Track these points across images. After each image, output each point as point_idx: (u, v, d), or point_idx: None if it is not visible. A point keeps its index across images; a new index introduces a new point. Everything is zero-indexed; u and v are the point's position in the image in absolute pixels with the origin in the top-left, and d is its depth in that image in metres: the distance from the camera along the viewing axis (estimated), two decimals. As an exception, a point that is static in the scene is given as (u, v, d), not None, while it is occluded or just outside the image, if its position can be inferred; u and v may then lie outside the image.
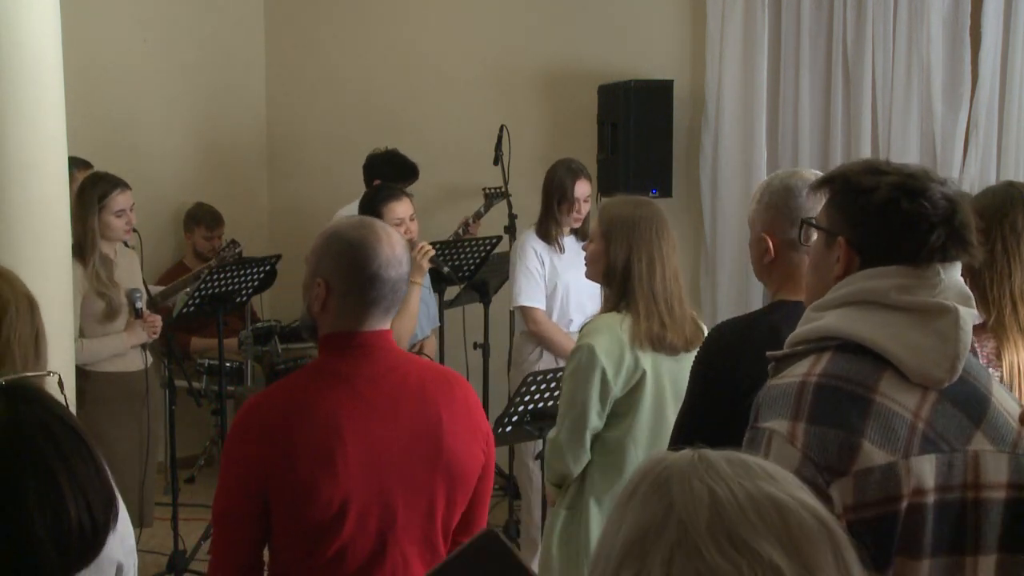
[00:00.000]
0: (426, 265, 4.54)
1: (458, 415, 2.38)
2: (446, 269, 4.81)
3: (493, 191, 5.82)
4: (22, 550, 1.07)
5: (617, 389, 3.20)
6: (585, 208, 4.90)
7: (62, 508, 1.08)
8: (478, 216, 5.80)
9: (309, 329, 2.41)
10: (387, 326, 2.36)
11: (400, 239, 2.38)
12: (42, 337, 1.88)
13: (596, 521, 3.27)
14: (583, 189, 4.89)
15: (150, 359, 4.73)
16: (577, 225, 4.93)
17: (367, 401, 2.30)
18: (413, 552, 2.34)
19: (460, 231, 5.76)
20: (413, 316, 4.52)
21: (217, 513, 2.30)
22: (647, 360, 3.20)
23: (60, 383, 1.39)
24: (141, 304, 4.60)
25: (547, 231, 4.93)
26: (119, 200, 4.55)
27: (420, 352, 4.59)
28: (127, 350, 4.56)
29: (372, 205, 4.48)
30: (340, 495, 2.24)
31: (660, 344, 3.19)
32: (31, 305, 1.87)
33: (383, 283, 2.30)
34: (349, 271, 2.30)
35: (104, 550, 1.16)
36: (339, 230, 2.36)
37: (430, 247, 4.56)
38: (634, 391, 3.21)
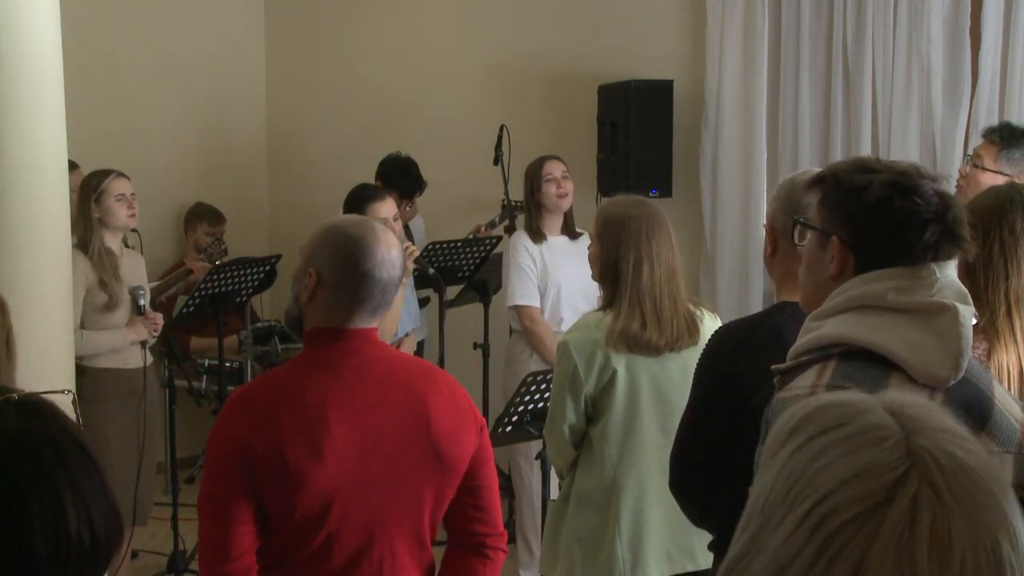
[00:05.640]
0: (410, 266, 4.55)
1: (445, 405, 2.38)
2: (431, 270, 4.80)
3: (515, 204, 5.77)
4: (20, 565, 1.06)
5: (589, 387, 3.21)
6: (567, 185, 4.89)
7: (63, 523, 1.07)
8: (491, 225, 5.78)
9: (294, 321, 2.40)
10: (373, 325, 2.36)
11: (397, 243, 2.39)
12: (12, 339, 1.86)
13: (573, 515, 3.26)
14: (553, 167, 4.89)
15: (150, 359, 4.71)
16: (566, 205, 4.92)
17: (354, 390, 2.29)
18: (402, 546, 2.33)
19: (471, 236, 5.74)
20: (396, 315, 4.52)
21: (204, 500, 2.24)
22: (620, 360, 3.19)
23: (74, 402, 1.37)
24: (144, 302, 4.59)
25: (530, 224, 4.93)
26: (115, 185, 4.52)
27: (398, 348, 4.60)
28: (126, 345, 4.53)
29: (356, 205, 4.49)
30: (328, 482, 2.22)
31: (636, 344, 3.18)
32: (2, 307, 1.86)
33: (374, 282, 2.31)
34: (343, 265, 2.31)
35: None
36: (339, 225, 2.38)
37: (414, 247, 4.58)
38: (606, 390, 3.21)
